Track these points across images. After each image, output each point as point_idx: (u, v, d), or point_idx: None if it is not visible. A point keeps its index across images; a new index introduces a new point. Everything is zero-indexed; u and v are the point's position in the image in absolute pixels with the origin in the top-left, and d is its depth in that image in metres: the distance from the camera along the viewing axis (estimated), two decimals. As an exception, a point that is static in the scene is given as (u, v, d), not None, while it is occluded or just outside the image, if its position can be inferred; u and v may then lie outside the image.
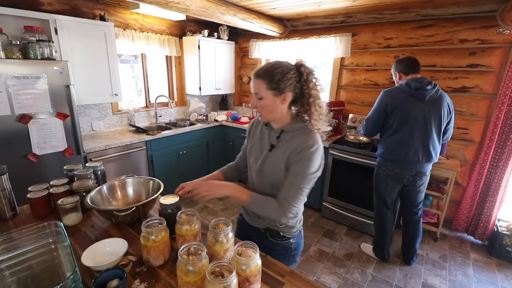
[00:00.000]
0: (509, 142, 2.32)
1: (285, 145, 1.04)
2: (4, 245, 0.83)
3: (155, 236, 0.89)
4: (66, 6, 2.50)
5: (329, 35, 3.10)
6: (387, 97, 1.96)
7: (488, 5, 2.26)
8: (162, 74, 3.71)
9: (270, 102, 1.01)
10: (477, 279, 2.15)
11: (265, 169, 1.08)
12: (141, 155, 2.83)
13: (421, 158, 1.93)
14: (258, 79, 1.01)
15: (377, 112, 2.02)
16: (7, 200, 1.19)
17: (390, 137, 2.00)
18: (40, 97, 1.98)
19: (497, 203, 2.45)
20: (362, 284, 2.08)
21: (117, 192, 1.31)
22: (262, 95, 1.01)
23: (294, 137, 1.03)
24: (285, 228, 1.14)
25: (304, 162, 0.98)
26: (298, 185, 1.00)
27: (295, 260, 1.21)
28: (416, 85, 1.88)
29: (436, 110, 1.89)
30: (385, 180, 2.11)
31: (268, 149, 1.09)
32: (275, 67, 0.99)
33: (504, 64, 2.31)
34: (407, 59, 2.02)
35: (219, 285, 0.67)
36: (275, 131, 1.09)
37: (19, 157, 1.97)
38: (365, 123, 2.13)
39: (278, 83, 0.98)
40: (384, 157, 2.07)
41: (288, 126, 1.06)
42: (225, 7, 2.52)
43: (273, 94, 1.00)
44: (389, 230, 2.24)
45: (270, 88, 0.99)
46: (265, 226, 1.15)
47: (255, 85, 1.02)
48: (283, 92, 0.99)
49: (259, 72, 1.01)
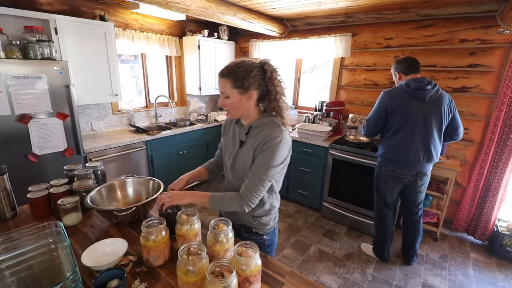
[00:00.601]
0: (509, 142, 2.32)
1: (252, 140, 1.08)
2: (4, 245, 0.83)
3: (155, 236, 0.90)
4: (66, 6, 2.50)
5: (329, 35, 3.10)
6: (387, 98, 1.97)
7: (488, 5, 2.26)
8: (162, 74, 3.71)
9: (236, 100, 1.03)
10: (477, 279, 2.15)
11: (236, 165, 1.13)
12: (141, 155, 2.83)
13: (422, 158, 1.93)
14: (223, 78, 1.03)
15: (377, 113, 2.02)
16: (7, 200, 1.19)
17: (391, 137, 2.00)
18: (40, 97, 1.98)
19: (497, 203, 2.45)
20: (362, 284, 2.08)
21: (117, 192, 1.31)
22: (228, 94, 1.03)
23: (261, 132, 1.06)
24: (258, 225, 1.18)
25: (267, 153, 1.01)
26: (259, 176, 1.02)
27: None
28: (416, 85, 1.88)
29: (436, 110, 1.89)
30: (386, 180, 2.11)
31: (238, 145, 1.13)
32: (238, 66, 1.02)
33: (504, 64, 2.31)
34: (407, 59, 2.02)
35: (219, 285, 0.67)
36: (244, 127, 1.13)
37: (19, 157, 1.97)
38: (365, 124, 2.13)
39: (242, 81, 1.00)
40: (385, 157, 2.07)
41: (256, 121, 1.09)
42: (225, 7, 2.52)
43: (239, 93, 1.02)
44: (390, 230, 2.24)
45: (235, 86, 1.01)
46: (240, 222, 1.19)
47: (221, 84, 1.04)
48: (248, 90, 1.02)
49: (223, 71, 1.03)
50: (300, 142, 2.96)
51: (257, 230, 1.19)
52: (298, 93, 3.77)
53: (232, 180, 1.18)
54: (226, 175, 1.24)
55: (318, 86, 3.66)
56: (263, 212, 1.17)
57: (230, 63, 1.05)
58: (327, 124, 3.10)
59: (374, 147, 2.65)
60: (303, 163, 2.99)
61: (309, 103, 3.66)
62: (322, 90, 3.60)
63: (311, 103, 3.57)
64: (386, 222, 2.21)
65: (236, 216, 1.19)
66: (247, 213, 1.16)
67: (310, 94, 3.73)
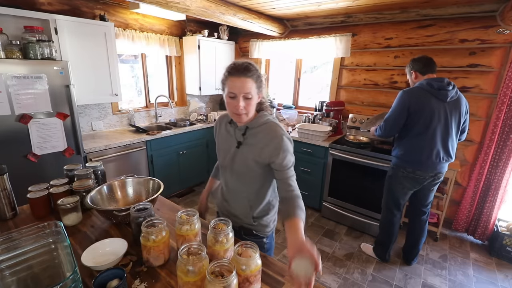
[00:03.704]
0: (509, 142, 2.32)
1: (252, 140, 1.07)
2: (4, 245, 0.83)
3: (155, 236, 0.90)
4: (66, 6, 2.50)
5: (329, 35, 3.10)
6: (410, 97, 1.89)
7: (488, 5, 2.26)
8: (162, 74, 3.71)
9: (255, 101, 1.03)
10: (477, 279, 2.15)
11: (235, 165, 1.11)
12: (141, 155, 2.83)
13: (442, 159, 1.91)
14: (248, 77, 0.96)
15: (398, 113, 1.93)
16: (7, 200, 1.19)
17: (413, 138, 1.93)
18: (40, 97, 1.98)
19: (497, 203, 2.45)
20: (362, 284, 2.08)
21: (117, 192, 1.31)
22: (253, 94, 0.99)
23: (260, 132, 1.06)
24: (258, 227, 1.17)
25: (282, 153, 1.02)
26: (290, 174, 1.04)
27: None
28: (439, 85, 1.84)
29: (456, 110, 1.88)
30: (402, 182, 2.05)
31: (236, 146, 1.11)
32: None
33: (504, 64, 2.31)
34: (423, 58, 1.97)
35: (219, 285, 0.67)
36: (240, 128, 1.10)
37: (19, 157, 1.97)
38: (382, 124, 2.05)
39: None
40: (405, 159, 1.99)
41: (252, 122, 1.07)
42: (225, 7, 2.52)
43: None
44: (396, 231, 2.22)
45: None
46: (239, 224, 1.18)
47: (247, 85, 0.96)
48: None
49: (246, 71, 0.96)
50: (300, 142, 2.96)
51: (258, 233, 1.18)
52: (298, 93, 3.77)
53: (228, 179, 1.17)
54: (221, 174, 1.24)
55: (318, 86, 3.66)
56: (263, 211, 1.17)
57: (245, 62, 0.99)
58: (327, 124, 3.10)
59: (374, 147, 2.65)
60: (303, 163, 2.99)
61: (309, 103, 3.66)
62: (322, 90, 3.60)
63: (311, 103, 3.57)
64: (394, 224, 2.19)
65: (236, 218, 1.18)
66: (247, 213, 1.15)
67: (310, 94, 3.73)
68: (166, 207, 1.38)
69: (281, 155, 1.02)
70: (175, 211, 1.31)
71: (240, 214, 1.18)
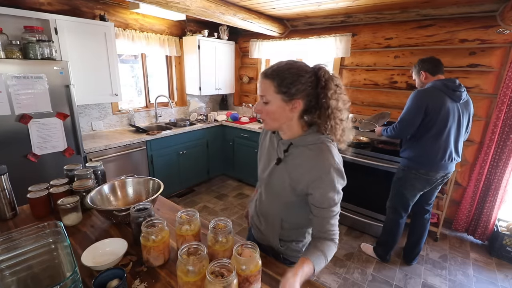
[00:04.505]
0: (509, 142, 2.32)
1: (292, 161, 0.91)
2: (4, 245, 0.83)
3: (155, 236, 0.89)
4: (66, 6, 2.50)
5: (329, 35, 3.10)
6: (427, 97, 1.85)
7: (488, 5, 2.26)
8: (162, 74, 3.71)
9: (277, 108, 0.86)
10: (477, 279, 2.15)
11: (272, 183, 0.98)
12: (141, 155, 2.83)
13: (453, 159, 1.93)
14: (266, 79, 0.86)
15: (414, 112, 1.88)
16: (7, 200, 1.19)
17: (429, 139, 1.90)
18: (40, 97, 1.98)
19: (497, 203, 2.45)
20: (362, 284, 2.08)
21: (117, 192, 1.31)
22: (269, 99, 0.86)
23: (304, 153, 0.89)
24: (286, 250, 1.03)
25: (324, 188, 0.85)
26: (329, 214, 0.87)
27: None
28: (453, 86, 1.84)
29: (466, 111, 1.91)
30: (413, 184, 2.01)
31: (275, 162, 0.96)
32: (287, 67, 0.84)
33: (504, 64, 2.31)
34: (432, 59, 1.97)
35: (219, 285, 0.67)
36: (283, 142, 0.95)
37: (19, 157, 1.97)
38: (396, 124, 2.01)
39: (289, 86, 0.82)
40: (418, 160, 1.95)
41: (298, 138, 0.91)
42: (225, 7, 2.52)
43: (282, 100, 0.84)
44: (401, 232, 2.22)
45: (279, 91, 0.84)
46: (267, 243, 1.07)
47: (263, 86, 0.87)
48: (293, 98, 0.84)
49: (267, 71, 0.86)
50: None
51: (286, 257, 1.04)
52: (298, 93, 3.76)
53: (263, 194, 1.04)
54: (260, 186, 1.10)
55: (318, 86, 3.66)
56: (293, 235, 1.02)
57: (277, 63, 0.87)
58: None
59: (374, 147, 2.65)
60: (303, 163, 2.98)
61: (309, 103, 3.66)
62: (322, 90, 3.60)
63: (311, 103, 3.57)
64: (400, 225, 2.18)
65: (264, 236, 1.07)
66: (272, 234, 1.04)
67: (310, 94, 3.73)
68: (166, 207, 1.37)
69: (321, 190, 0.85)
70: (175, 211, 1.30)
71: (268, 233, 1.06)
